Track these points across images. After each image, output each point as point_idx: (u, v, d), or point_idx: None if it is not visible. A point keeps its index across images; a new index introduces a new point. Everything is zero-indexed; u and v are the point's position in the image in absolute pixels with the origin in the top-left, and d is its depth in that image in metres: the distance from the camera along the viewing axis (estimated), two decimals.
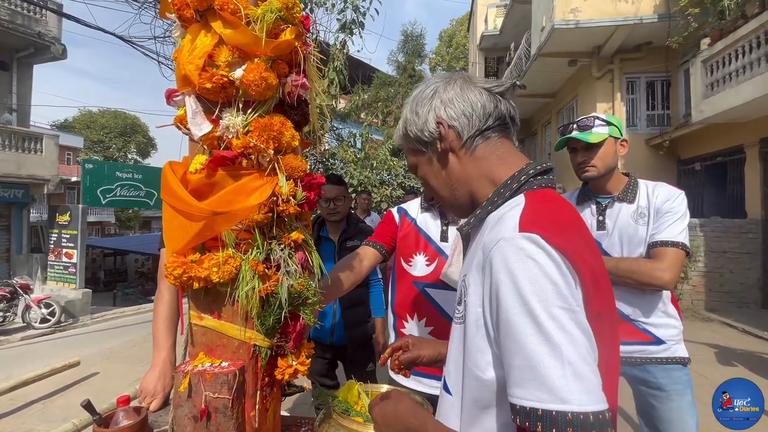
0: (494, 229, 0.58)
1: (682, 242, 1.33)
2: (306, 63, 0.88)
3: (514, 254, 0.51)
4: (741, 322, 5.61)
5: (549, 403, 0.46)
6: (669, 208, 1.36)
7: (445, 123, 0.68)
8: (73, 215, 8.83)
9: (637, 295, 1.39)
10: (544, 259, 0.50)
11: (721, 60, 6.25)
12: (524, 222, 0.54)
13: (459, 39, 21.86)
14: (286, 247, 0.88)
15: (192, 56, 0.78)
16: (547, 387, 0.46)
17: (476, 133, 0.67)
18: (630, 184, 1.46)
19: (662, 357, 1.39)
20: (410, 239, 1.59)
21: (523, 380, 0.48)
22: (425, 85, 0.74)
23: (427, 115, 0.70)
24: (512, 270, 0.50)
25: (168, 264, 0.79)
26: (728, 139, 7.01)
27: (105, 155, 27.32)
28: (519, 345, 0.48)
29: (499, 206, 0.64)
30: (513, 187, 0.64)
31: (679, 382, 1.37)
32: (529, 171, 0.65)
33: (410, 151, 0.76)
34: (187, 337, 0.89)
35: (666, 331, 1.39)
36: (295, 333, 0.90)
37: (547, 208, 0.59)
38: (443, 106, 0.69)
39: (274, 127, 0.81)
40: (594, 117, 1.44)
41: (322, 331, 2.17)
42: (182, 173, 0.82)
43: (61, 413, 3.48)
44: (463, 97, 0.68)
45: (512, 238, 0.52)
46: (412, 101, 0.73)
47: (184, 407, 0.81)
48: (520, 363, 0.48)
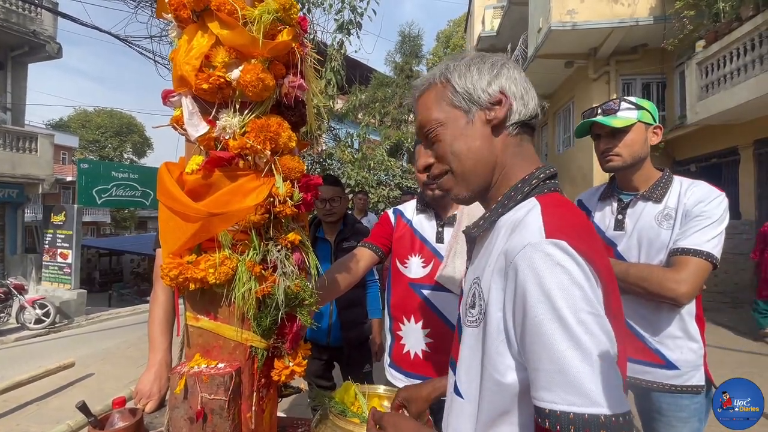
0: (516, 233, 0.57)
1: (708, 252, 1.12)
2: (303, 64, 0.88)
3: (542, 260, 0.51)
4: (734, 323, 5.66)
5: (581, 406, 0.46)
6: (701, 212, 1.16)
7: (507, 95, 0.65)
8: (68, 215, 8.76)
9: (650, 307, 1.21)
10: (572, 265, 0.51)
11: (716, 62, 6.31)
12: (549, 228, 0.54)
13: (456, 40, 21.89)
14: (282, 249, 0.88)
15: (189, 57, 0.78)
16: (578, 391, 0.46)
17: (519, 122, 0.66)
18: (661, 180, 1.28)
19: (672, 384, 1.20)
20: (405, 240, 1.59)
21: (551, 384, 0.48)
22: (482, 54, 0.69)
23: (493, 77, 0.66)
24: (541, 276, 0.50)
25: (164, 265, 0.79)
26: (723, 141, 7.07)
27: (100, 155, 27.15)
28: (548, 350, 0.49)
29: (510, 209, 0.64)
30: (524, 191, 0.64)
31: (684, 410, 1.20)
32: (540, 175, 0.65)
33: (442, 104, 0.67)
34: (183, 338, 0.88)
35: (681, 355, 1.19)
36: (291, 334, 0.90)
37: (565, 213, 0.59)
38: (510, 80, 0.66)
39: (271, 128, 0.81)
40: (621, 99, 1.27)
41: (318, 332, 2.17)
42: (178, 174, 0.82)
43: (56, 414, 3.46)
44: (525, 82, 0.67)
45: (539, 243, 0.52)
46: (468, 59, 0.68)
47: (180, 408, 0.81)
48: (548, 367, 0.49)
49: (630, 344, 1.24)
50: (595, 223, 1.38)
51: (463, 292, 0.73)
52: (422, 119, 0.70)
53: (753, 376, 3.86)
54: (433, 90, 0.69)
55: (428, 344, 1.48)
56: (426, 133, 0.70)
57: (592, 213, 1.41)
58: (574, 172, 9.92)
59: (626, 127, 1.24)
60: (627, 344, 1.23)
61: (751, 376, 4.37)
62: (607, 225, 1.34)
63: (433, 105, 0.68)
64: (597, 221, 1.38)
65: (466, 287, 0.70)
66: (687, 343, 1.20)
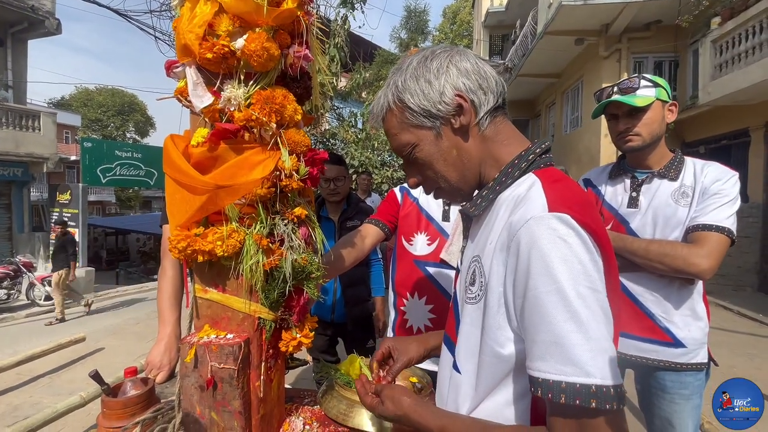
0: (519, 208, 0.56)
1: (729, 228, 1.15)
2: (308, 34, 0.85)
3: (545, 234, 0.51)
4: (736, 305, 5.69)
5: (573, 376, 0.48)
6: (718, 190, 1.18)
7: (465, 96, 0.62)
8: (74, 194, 8.82)
9: (663, 286, 1.23)
10: (575, 239, 0.51)
11: (731, 40, 6.11)
12: (552, 202, 0.54)
13: (463, 16, 21.27)
14: (289, 222, 0.88)
15: (192, 25, 0.76)
16: (571, 361, 0.48)
17: (489, 111, 0.64)
18: (675, 159, 1.28)
19: (678, 362, 1.23)
20: (412, 218, 1.59)
21: (546, 354, 0.49)
22: (425, 53, 0.65)
23: (443, 84, 0.62)
24: (543, 249, 0.51)
25: (172, 237, 0.80)
26: (734, 123, 6.92)
27: (103, 134, 27.04)
28: (546, 321, 0.50)
29: (509, 186, 0.63)
30: (522, 167, 0.63)
31: (687, 387, 1.24)
32: (536, 150, 0.64)
33: (405, 128, 0.65)
34: (192, 310, 0.90)
35: (689, 334, 1.22)
36: (299, 307, 0.91)
37: (566, 187, 0.58)
38: (461, 76, 0.62)
39: (276, 100, 0.79)
40: (639, 77, 1.24)
41: (323, 309, 2.20)
42: (184, 147, 0.81)
43: (68, 387, 3.57)
44: (479, 69, 0.64)
45: (542, 217, 0.52)
46: (414, 68, 0.64)
47: (190, 377, 0.83)
48: (545, 338, 0.50)
49: (638, 323, 1.26)
50: (607, 201, 1.37)
51: (461, 270, 0.72)
52: (394, 145, 0.68)
53: (753, 357, 3.91)
54: (392, 114, 0.67)
55: (431, 319, 1.50)
56: (404, 157, 0.69)
57: (602, 191, 1.40)
58: (581, 152, 9.79)
59: (646, 106, 1.22)
60: (635, 323, 1.25)
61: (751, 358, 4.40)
62: (620, 203, 1.33)
63: (398, 129, 0.66)
64: (608, 199, 1.37)
65: (464, 265, 0.70)
66: (695, 322, 1.22)
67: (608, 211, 1.35)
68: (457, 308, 0.70)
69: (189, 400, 0.85)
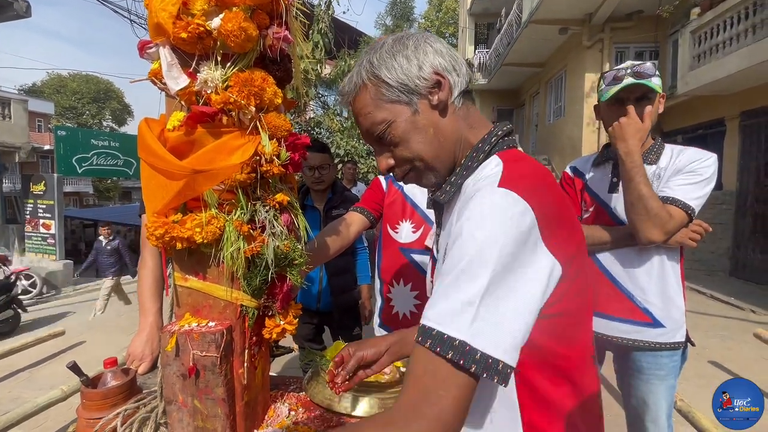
0: (474, 185, 0.59)
1: (693, 208, 1.15)
2: (288, 14, 0.83)
3: (486, 206, 0.52)
4: (710, 289, 5.92)
5: (444, 326, 0.49)
6: (691, 169, 1.19)
7: (442, 73, 0.63)
8: (48, 185, 8.49)
9: (642, 267, 1.25)
10: (514, 214, 0.51)
11: (710, 31, 6.24)
12: (504, 178, 0.55)
13: (449, 3, 21.09)
14: (271, 209, 0.87)
15: (165, 2, 0.73)
16: (451, 314, 0.49)
17: (461, 92, 0.65)
18: (655, 145, 1.30)
19: (657, 342, 1.26)
20: (397, 206, 1.59)
21: (433, 303, 0.51)
22: (399, 35, 0.66)
23: (422, 59, 0.62)
24: (478, 218, 0.51)
25: (149, 224, 0.77)
26: (710, 112, 7.11)
27: (78, 122, 26.08)
28: (449, 276, 0.51)
29: (475, 170, 0.64)
30: (485, 150, 0.64)
31: (663, 368, 1.27)
32: (498, 132, 0.66)
33: (381, 103, 0.63)
34: (172, 298, 0.88)
35: (668, 313, 1.25)
36: (282, 294, 0.90)
37: (524, 166, 0.60)
38: (437, 55, 0.63)
39: (255, 83, 0.77)
40: (650, 63, 1.23)
41: (308, 298, 2.19)
42: (160, 131, 0.79)
43: (49, 381, 3.50)
44: (450, 51, 0.65)
45: (490, 191, 0.53)
46: (389, 47, 0.63)
47: (172, 366, 0.82)
48: (440, 291, 0.51)
49: (618, 304, 1.29)
50: (590, 186, 1.40)
51: (437, 260, 0.72)
52: (367, 124, 0.65)
53: (725, 339, 4.09)
54: (365, 91, 0.64)
55: (416, 305, 1.51)
56: (377, 137, 0.65)
57: (587, 178, 1.42)
58: (563, 142, 9.92)
59: (656, 94, 1.22)
60: (615, 304, 1.28)
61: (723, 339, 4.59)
62: (602, 188, 1.36)
63: (373, 107, 0.63)
64: (592, 185, 1.40)
65: (440, 254, 0.69)
66: (673, 302, 1.26)
67: (591, 197, 1.38)
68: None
69: (171, 388, 0.84)
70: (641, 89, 1.21)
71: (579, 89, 8.96)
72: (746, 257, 6.59)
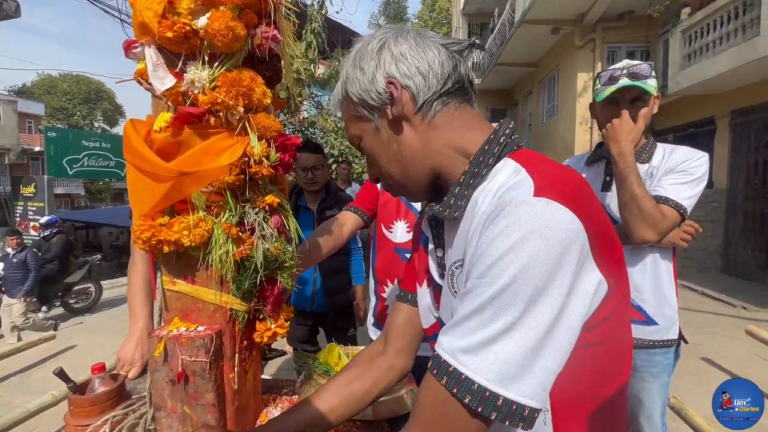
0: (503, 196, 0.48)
1: (686, 207, 1.15)
2: (277, 13, 0.82)
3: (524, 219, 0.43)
4: (701, 286, 5.98)
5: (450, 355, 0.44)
6: (683, 168, 1.19)
7: (397, 82, 0.56)
8: (39, 187, 8.39)
9: (636, 266, 1.26)
10: (559, 227, 0.42)
11: (700, 30, 6.30)
12: (539, 185, 0.46)
13: (443, 3, 21.14)
14: (260, 211, 0.85)
15: (150, 1, 0.71)
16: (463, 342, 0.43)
17: (434, 97, 0.56)
18: (648, 144, 1.30)
19: (651, 340, 1.26)
20: (391, 206, 1.58)
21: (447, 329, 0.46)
22: (367, 37, 0.60)
23: (374, 71, 0.57)
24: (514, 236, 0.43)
25: (135, 227, 0.76)
26: (701, 111, 7.19)
27: (69, 123, 25.79)
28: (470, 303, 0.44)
29: (486, 177, 0.54)
30: (495, 153, 0.55)
31: (656, 366, 1.27)
32: (505, 131, 0.56)
33: (351, 119, 0.62)
34: (160, 303, 0.87)
35: (661, 311, 1.26)
36: (272, 297, 0.89)
37: (551, 169, 0.50)
38: (394, 61, 0.56)
39: (243, 83, 0.76)
40: (648, 63, 1.22)
41: (302, 300, 2.18)
42: (146, 132, 0.77)
43: (39, 386, 3.44)
44: (418, 52, 0.56)
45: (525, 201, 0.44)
46: (355, 55, 0.60)
47: (161, 371, 0.81)
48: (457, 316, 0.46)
49: None
50: None
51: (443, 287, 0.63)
52: (348, 136, 0.66)
53: (716, 335, 4.13)
54: (344, 107, 0.64)
55: None
56: (359, 150, 0.66)
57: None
58: (556, 141, 9.98)
59: (651, 96, 1.21)
60: None
61: (714, 336, 4.64)
62: (595, 187, 1.35)
63: (347, 121, 0.64)
64: None
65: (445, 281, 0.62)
66: (666, 300, 1.27)
67: None
68: None
69: (160, 394, 0.82)
70: (636, 90, 1.21)
71: (571, 89, 9.01)
72: (737, 254, 6.66)
